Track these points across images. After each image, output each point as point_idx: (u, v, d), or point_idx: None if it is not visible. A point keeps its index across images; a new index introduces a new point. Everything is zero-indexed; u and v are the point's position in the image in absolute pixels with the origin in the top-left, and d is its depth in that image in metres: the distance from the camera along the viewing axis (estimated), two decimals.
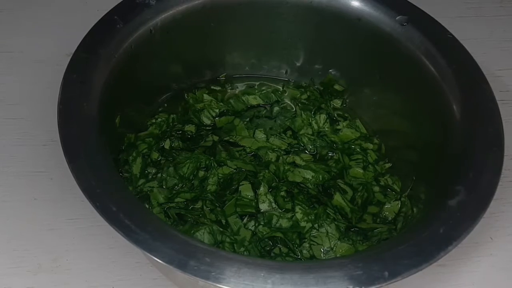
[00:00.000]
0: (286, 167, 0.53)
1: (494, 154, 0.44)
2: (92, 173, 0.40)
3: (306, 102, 0.61)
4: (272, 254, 0.48)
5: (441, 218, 0.40)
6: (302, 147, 0.57)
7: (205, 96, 0.59)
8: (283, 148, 0.56)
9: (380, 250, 0.38)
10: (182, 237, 0.37)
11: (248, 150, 0.55)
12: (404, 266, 0.36)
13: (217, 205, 0.50)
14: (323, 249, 0.48)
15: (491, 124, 0.46)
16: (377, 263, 0.36)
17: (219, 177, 0.52)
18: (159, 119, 0.56)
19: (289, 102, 0.61)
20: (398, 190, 0.54)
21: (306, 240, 0.49)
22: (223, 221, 0.49)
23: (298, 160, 0.54)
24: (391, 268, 0.36)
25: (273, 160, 0.54)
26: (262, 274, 0.35)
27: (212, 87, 0.62)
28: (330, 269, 0.36)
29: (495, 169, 0.43)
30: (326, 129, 0.58)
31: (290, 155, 0.55)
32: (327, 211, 0.50)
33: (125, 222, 0.37)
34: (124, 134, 0.53)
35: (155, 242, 0.36)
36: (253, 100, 0.60)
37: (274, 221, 0.49)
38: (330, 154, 0.56)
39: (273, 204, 0.50)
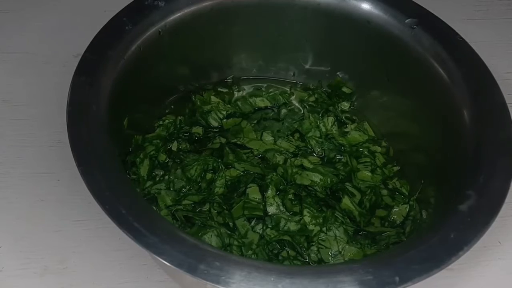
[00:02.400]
0: (294, 170, 0.53)
1: (505, 158, 0.43)
2: (101, 175, 0.39)
3: (314, 105, 0.60)
4: (280, 257, 0.48)
5: (452, 223, 0.39)
6: (310, 150, 0.57)
7: (213, 98, 0.59)
8: (290, 150, 0.56)
9: (390, 255, 0.38)
10: (191, 240, 0.37)
11: (255, 152, 0.55)
12: (415, 271, 0.36)
13: (225, 207, 0.50)
14: (331, 253, 0.48)
15: (502, 127, 0.45)
16: (388, 268, 0.36)
17: (227, 180, 0.52)
18: (166, 121, 0.56)
19: (296, 105, 0.61)
20: (407, 193, 0.53)
21: (314, 243, 0.48)
22: (231, 224, 0.49)
23: (306, 163, 0.54)
24: (402, 273, 0.36)
25: (280, 162, 0.54)
26: (272, 279, 0.35)
27: (219, 89, 0.61)
28: (341, 273, 0.36)
29: (506, 173, 0.42)
30: (334, 131, 0.58)
31: (298, 158, 0.55)
32: (335, 214, 0.50)
33: (134, 225, 0.37)
34: (131, 136, 0.53)
35: (165, 246, 0.36)
36: (260, 102, 0.60)
37: (282, 224, 0.49)
38: (338, 157, 0.56)
39: (281, 207, 0.50)
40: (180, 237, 0.37)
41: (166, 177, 0.52)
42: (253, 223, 0.49)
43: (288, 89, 0.62)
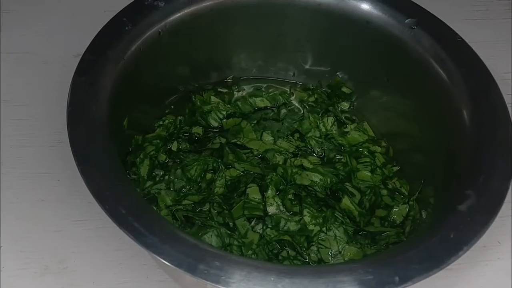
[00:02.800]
0: (294, 170, 0.53)
1: (504, 158, 0.43)
2: (101, 175, 0.40)
3: (314, 105, 0.60)
4: (280, 257, 0.48)
5: (451, 223, 0.39)
6: (309, 150, 0.57)
7: (212, 98, 0.59)
8: (290, 150, 0.56)
9: (390, 254, 0.38)
10: (191, 240, 0.37)
11: (255, 152, 0.55)
12: (414, 271, 0.36)
13: (225, 207, 0.50)
14: (331, 253, 0.48)
15: (501, 127, 0.45)
16: (388, 268, 0.36)
17: (227, 180, 0.52)
18: (166, 121, 0.56)
19: (296, 105, 0.61)
20: (406, 193, 0.53)
21: (314, 243, 0.48)
22: (231, 224, 0.49)
23: (305, 163, 0.54)
24: (402, 273, 0.36)
25: (280, 162, 0.54)
26: (272, 279, 0.35)
27: (219, 89, 0.61)
28: (340, 273, 0.36)
29: (505, 173, 0.42)
30: (334, 131, 0.58)
31: (297, 158, 0.55)
32: (335, 214, 0.50)
33: (134, 225, 0.37)
34: (131, 136, 0.53)
35: (164, 245, 0.36)
36: (260, 102, 0.60)
37: (282, 224, 0.49)
38: (337, 157, 0.56)
39: (281, 207, 0.50)
40: (180, 237, 0.37)
41: (166, 177, 0.52)
42: (253, 223, 0.49)
43: (288, 89, 0.63)
